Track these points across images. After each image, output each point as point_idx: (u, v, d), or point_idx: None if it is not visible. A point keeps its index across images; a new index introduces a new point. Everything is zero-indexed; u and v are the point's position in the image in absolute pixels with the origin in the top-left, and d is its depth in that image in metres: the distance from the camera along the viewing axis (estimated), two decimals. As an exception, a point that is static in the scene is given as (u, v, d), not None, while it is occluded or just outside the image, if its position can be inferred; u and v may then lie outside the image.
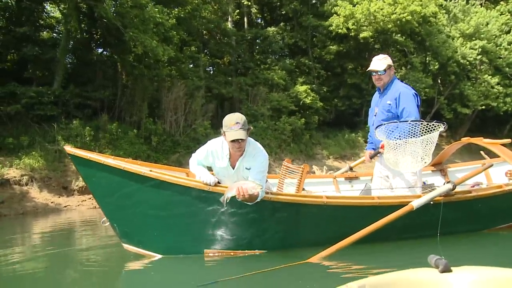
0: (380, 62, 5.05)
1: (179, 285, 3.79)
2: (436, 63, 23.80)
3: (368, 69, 5.13)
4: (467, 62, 23.88)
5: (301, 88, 20.82)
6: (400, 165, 4.63)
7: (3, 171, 11.55)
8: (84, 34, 16.23)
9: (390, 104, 4.95)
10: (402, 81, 5.44)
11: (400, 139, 4.53)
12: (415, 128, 4.49)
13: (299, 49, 23.60)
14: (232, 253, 4.33)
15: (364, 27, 21.37)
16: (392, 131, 4.62)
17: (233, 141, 4.06)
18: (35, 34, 15.06)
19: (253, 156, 4.26)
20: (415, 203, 4.29)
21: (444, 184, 4.68)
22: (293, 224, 4.43)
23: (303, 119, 19.98)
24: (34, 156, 12.34)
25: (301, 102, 20.51)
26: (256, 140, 4.43)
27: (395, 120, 4.72)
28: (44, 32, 16.60)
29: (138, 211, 4.34)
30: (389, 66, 5.05)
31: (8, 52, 14.35)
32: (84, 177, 4.45)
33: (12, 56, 14.44)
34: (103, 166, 4.23)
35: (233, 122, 4.03)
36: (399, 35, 22.42)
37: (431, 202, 4.43)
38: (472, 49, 23.78)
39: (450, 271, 1.91)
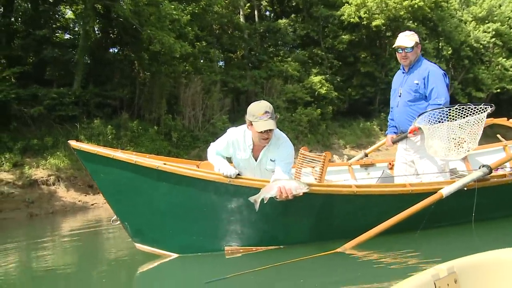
0: (407, 38, 4.68)
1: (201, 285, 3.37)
2: (449, 48, 23.75)
3: (394, 45, 4.77)
4: (481, 46, 23.85)
5: (316, 79, 20.87)
6: (440, 152, 4.36)
7: (31, 172, 11.76)
8: (100, 33, 16.40)
9: (417, 84, 4.59)
10: (428, 60, 4.98)
11: (442, 121, 4.27)
12: (456, 113, 4.25)
13: (311, 40, 23.60)
14: (254, 249, 4.01)
15: (376, 15, 21.36)
16: (431, 116, 4.34)
17: (262, 132, 3.74)
18: (53, 36, 15.25)
19: (278, 146, 3.95)
20: (445, 191, 4.02)
21: (479, 168, 4.35)
22: (320, 215, 4.08)
23: (319, 109, 20.03)
24: (59, 156, 12.53)
25: (316, 93, 20.56)
26: None
27: (441, 106, 4.39)
28: (61, 33, 16.78)
29: (151, 208, 4.02)
30: (417, 44, 4.69)
31: (27, 55, 14.52)
32: (92, 173, 4.07)
33: (32, 59, 14.60)
34: (112, 160, 3.90)
35: (262, 111, 3.70)
36: (411, 21, 22.36)
37: (465, 188, 4.12)
38: (485, 32, 23.74)
39: None
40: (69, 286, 3.90)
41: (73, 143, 4.00)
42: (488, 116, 4.43)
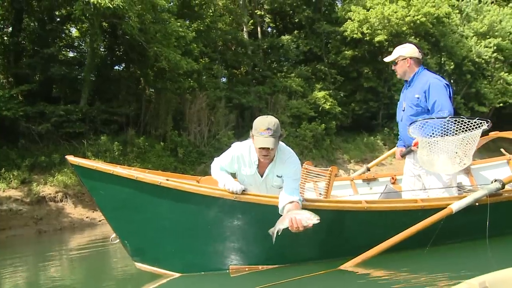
0: (395, 52, 4.66)
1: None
2: (452, 63, 23.93)
3: (384, 59, 4.75)
4: (483, 61, 23.99)
5: (320, 94, 21.01)
6: (435, 166, 4.25)
7: (39, 189, 11.83)
8: (106, 51, 16.59)
9: (418, 98, 4.45)
10: (430, 70, 4.87)
11: (434, 136, 4.12)
12: (451, 125, 4.07)
13: (314, 56, 23.77)
14: (260, 268, 3.88)
15: (379, 31, 21.52)
16: (423, 127, 4.19)
17: (261, 148, 3.59)
18: (60, 54, 15.44)
19: (284, 162, 3.78)
20: (455, 206, 3.94)
21: (492, 182, 4.24)
22: (329, 232, 3.94)
23: (323, 124, 20.13)
24: (66, 173, 12.59)
25: (320, 108, 20.67)
26: None
27: (432, 116, 4.25)
28: (66, 51, 16.98)
29: (153, 225, 3.88)
30: (403, 57, 4.60)
31: (35, 73, 14.69)
32: (90, 190, 3.92)
33: (39, 77, 14.78)
34: (112, 176, 3.75)
35: (264, 128, 3.52)
36: (413, 37, 22.51)
37: (476, 203, 4.04)
38: (486, 47, 23.89)
39: None
40: None
41: (71, 158, 3.86)
42: (490, 130, 4.38)
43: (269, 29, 26.26)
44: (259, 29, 23.42)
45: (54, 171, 12.60)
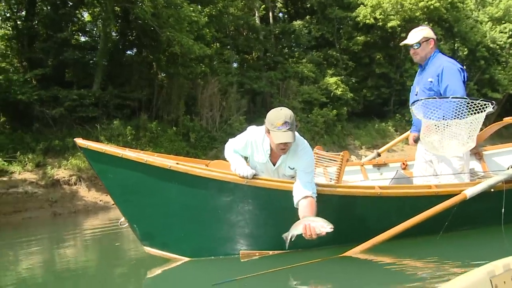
0: (414, 35, 4.51)
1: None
2: (465, 49, 23.68)
3: (402, 43, 4.65)
4: (497, 46, 23.72)
5: (331, 80, 20.94)
6: (440, 149, 4.21)
7: (53, 172, 11.97)
8: (119, 35, 16.62)
9: (431, 82, 4.37)
10: (445, 54, 4.77)
11: (444, 119, 4.04)
12: (461, 108, 3.99)
13: (325, 41, 23.64)
14: (270, 253, 3.84)
15: (392, 16, 21.36)
16: (434, 111, 4.09)
17: (280, 143, 3.49)
18: (73, 39, 15.51)
19: (297, 154, 3.68)
20: (469, 192, 3.85)
21: (508, 168, 4.20)
22: (341, 217, 3.78)
23: (334, 110, 20.10)
24: (79, 156, 12.68)
25: (332, 94, 20.61)
26: None
27: (434, 96, 4.21)
28: (78, 36, 17.03)
29: (162, 210, 3.84)
30: (426, 39, 4.47)
31: (48, 57, 14.77)
32: (99, 173, 3.88)
33: (52, 61, 14.87)
34: (121, 160, 3.69)
35: (281, 121, 3.41)
36: (426, 22, 22.27)
37: (491, 190, 3.95)
38: (501, 32, 23.59)
39: None
40: (80, 286, 3.92)
41: (79, 141, 3.79)
42: (504, 116, 4.30)
43: (281, 14, 26.13)
44: (270, 14, 23.29)
45: (68, 155, 12.72)
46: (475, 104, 3.96)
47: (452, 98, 4.03)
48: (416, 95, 4.58)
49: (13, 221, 10.17)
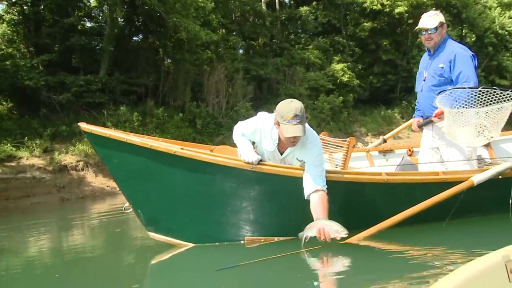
0: (430, 19, 4.34)
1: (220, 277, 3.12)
2: (473, 35, 23.47)
3: (417, 27, 4.45)
4: (506, 32, 23.47)
5: (338, 67, 20.86)
6: (459, 137, 4.11)
7: (60, 158, 12.05)
8: (125, 21, 16.60)
9: (443, 68, 4.28)
10: (455, 40, 4.66)
11: (463, 106, 3.94)
12: (481, 96, 3.88)
13: (332, 28, 23.48)
14: (275, 239, 3.77)
15: (399, 2, 21.20)
16: (453, 97, 3.99)
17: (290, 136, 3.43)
18: (79, 24, 15.51)
19: (305, 147, 3.60)
20: (477, 178, 3.76)
21: None
22: (347, 204, 3.79)
23: (340, 97, 20.06)
24: (86, 142, 12.71)
25: (338, 81, 20.54)
26: None
27: (464, 86, 4.06)
28: (84, 21, 17.01)
29: (167, 195, 3.77)
30: (441, 24, 4.35)
31: (55, 43, 14.79)
32: (103, 158, 3.85)
33: (58, 47, 14.88)
34: (126, 145, 3.63)
35: (292, 115, 3.33)
36: (434, 8, 22.07)
37: (499, 177, 3.86)
38: (511, 18, 23.33)
39: None
40: (86, 270, 3.89)
41: (83, 125, 3.74)
42: None
43: (287, 0, 25.94)
44: (277, 0, 23.16)
45: (75, 141, 12.80)
46: (503, 95, 3.88)
47: (482, 88, 3.93)
48: (424, 80, 4.50)
49: (21, 205, 10.30)
